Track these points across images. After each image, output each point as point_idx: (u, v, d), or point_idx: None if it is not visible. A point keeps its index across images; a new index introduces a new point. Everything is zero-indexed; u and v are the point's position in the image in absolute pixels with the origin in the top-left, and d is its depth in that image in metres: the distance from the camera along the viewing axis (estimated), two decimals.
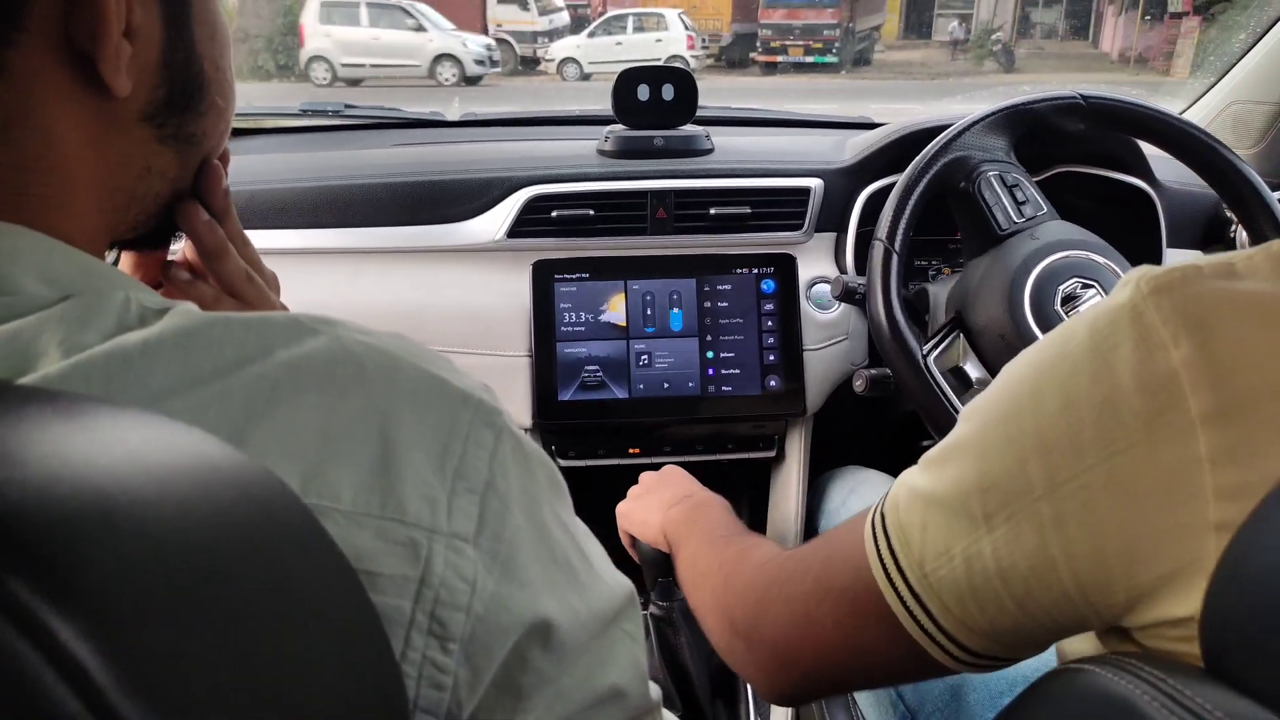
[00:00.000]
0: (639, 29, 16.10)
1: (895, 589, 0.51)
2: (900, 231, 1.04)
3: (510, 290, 1.22)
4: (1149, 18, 17.13)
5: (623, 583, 0.47)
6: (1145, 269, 0.44)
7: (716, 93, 13.66)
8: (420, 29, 14.22)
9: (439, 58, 13.92)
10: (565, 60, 15.82)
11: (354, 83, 13.58)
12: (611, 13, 17.18)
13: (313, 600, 0.29)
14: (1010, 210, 1.05)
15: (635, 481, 1.09)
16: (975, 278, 1.05)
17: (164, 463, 0.26)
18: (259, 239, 0.63)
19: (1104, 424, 0.42)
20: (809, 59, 17.23)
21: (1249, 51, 1.41)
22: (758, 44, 17.60)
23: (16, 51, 0.38)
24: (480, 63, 14.20)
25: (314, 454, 0.35)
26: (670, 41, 15.83)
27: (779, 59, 17.30)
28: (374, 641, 0.32)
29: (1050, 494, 0.44)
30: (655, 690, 0.50)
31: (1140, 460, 0.41)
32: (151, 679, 0.20)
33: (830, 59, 17.20)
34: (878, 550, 0.53)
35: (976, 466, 0.48)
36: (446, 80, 13.86)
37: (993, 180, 1.05)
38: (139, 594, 0.21)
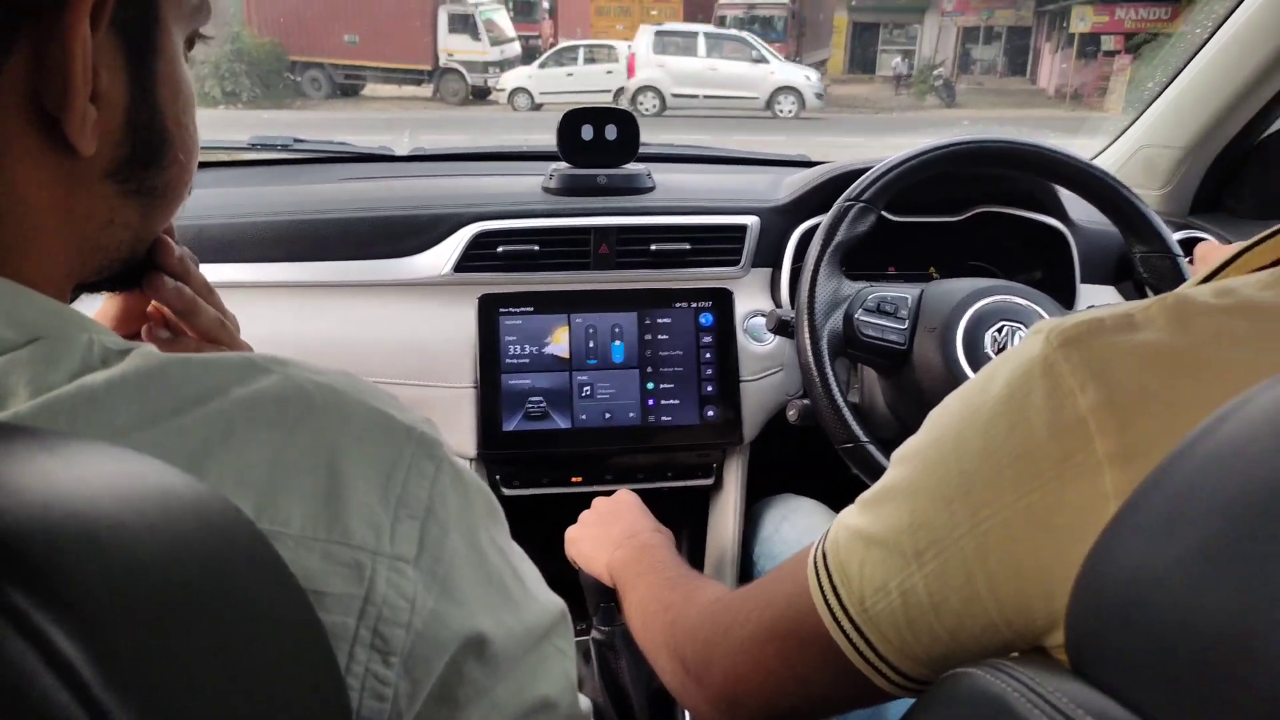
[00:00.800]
0: (590, 60, 16.21)
1: (839, 623, 0.55)
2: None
3: (457, 323, 1.26)
4: (1084, 55, 17.73)
5: (555, 601, 0.51)
6: (1055, 322, 0.48)
7: (665, 126, 13.82)
8: (761, 60, 13.83)
9: (779, 90, 13.63)
10: (516, 90, 15.86)
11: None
12: (563, 44, 17.31)
13: (266, 615, 0.32)
14: (895, 328, 1.12)
15: (579, 509, 1.13)
16: (909, 382, 1.11)
17: (134, 491, 0.29)
18: (207, 273, 0.66)
19: (1020, 466, 0.46)
20: None
21: (1157, 98, 1.50)
22: None
23: None
24: (819, 96, 13.93)
25: (266, 484, 0.38)
26: (621, 73, 15.98)
27: None
28: (321, 655, 0.35)
29: (973, 531, 0.48)
30: (585, 702, 0.54)
31: (1053, 498, 0.45)
32: (130, 676, 0.24)
33: None
34: (820, 588, 0.56)
35: (908, 507, 0.52)
36: (785, 113, 13.49)
37: (861, 320, 1.12)
38: (119, 603, 0.25)
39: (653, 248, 1.30)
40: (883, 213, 1.18)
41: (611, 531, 1.03)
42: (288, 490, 0.39)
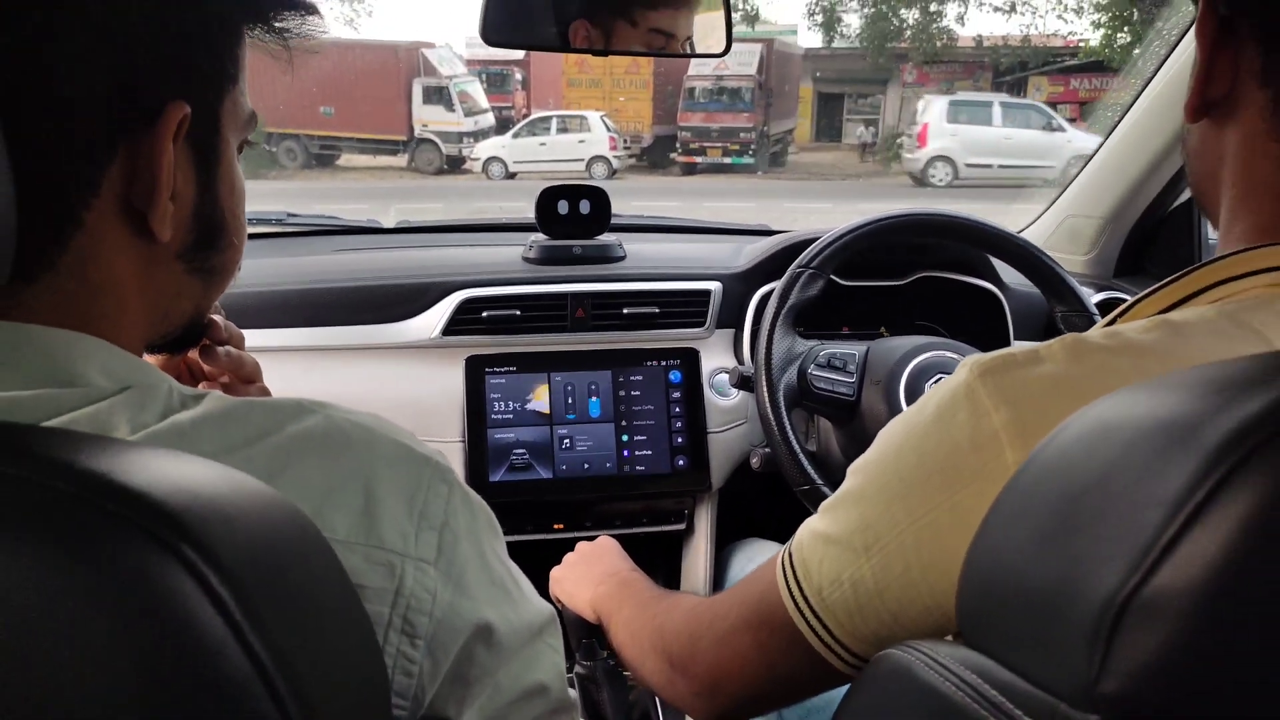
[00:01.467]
0: (563, 130, 16.54)
1: (801, 612, 0.63)
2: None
3: (446, 382, 1.37)
4: None
5: (547, 606, 0.61)
6: (977, 356, 0.59)
7: (639, 192, 14.07)
8: (1058, 129, 13.64)
9: (1076, 158, 13.62)
10: (491, 159, 16.14)
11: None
12: (536, 114, 17.66)
13: (333, 590, 0.42)
14: (845, 381, 1.25)
15: (561, 554, 1.22)
16: (859, 430, 1.23)
17: (241, 490, 0.40)
18: None
19: (948, 473, 0.57)
20: (727, 160, 17.88)
21: (1080, 171, 1.66)
22: (677, 145, 18.24)
23: (90, 212, 0.50)
24: None
25: (317, 500, 0.49)
26: (593, 143, 16.28)
27: (698, 160, 17.93)
28: (367, 635, 0.45)
29: (910, 528, 0.58)
30: (572, 692, 0.64)
31: (973, 499, 0.54)
32: (256, 608, 0.34)
33: (747, 160, 17.88)
34: (787, 582, 0.66)
35: (858, 510, 0.62)
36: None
37: (814, 375, 1.26)
38: (247, 558, 0.35)
39: (625, 311, 1.42)
40: (834, 277, 1.31)
41: (593, 570, 1.12)
42: (333, 505, 0.49)
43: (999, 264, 1.49)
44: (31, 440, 0.35)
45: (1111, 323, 0.63)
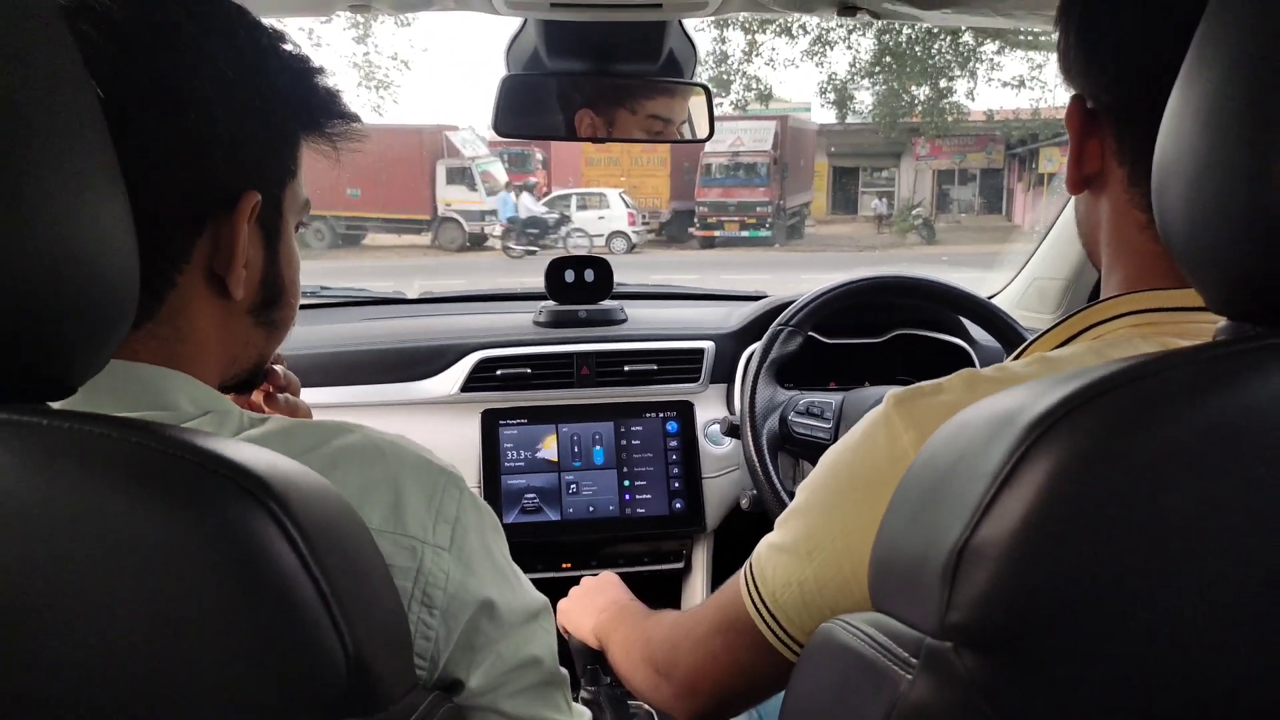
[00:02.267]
0: (582, 207, 16.81)
1: (760, 613, 0.72)
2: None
3: (463, 433, 1.51)
4: (1056, 193, 18.56)
5: (542, 597, 0.73)
6: (896, 390, 0.70)
7: (659, 266, 14.29)
8: None
9: None
10: None
11: None
12: (556, 192, 18.02)
13: (373, 563, 0.54)
14: (823, 426, 1.38)
15: (569, 591, 1.34)
16: None
17: (309, 474, 0.52)
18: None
19: (871, 484, 0.67)
20: (744, 233, 18.11)
21: (1046, 235, 1.80)
22: (695, 220, 18.55)
23: (182, 275, 0.64)
24: None
25: (356, 498, 0.60)
26: (612, 218, 16.54)
27: (716, 234, 18.19)
28: (397, 599, 0.57)
29: (843, 533, 0.68)
30: (563, 670, 0.76)
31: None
32: (322, 552, 0.46)
33: (764, 233, 18.11)
34: (748, 589, 0.74)
35: (803, 521, 0.72)
36: None
37: (794, 421, 1.39)
38: (316, 515, 0.47)
39: (626, 368, 1.57)
40: (816, 335, 1.46)
41: (597, 601, 1.23)
42: (369, 502, 0.62)
43: (969, 321, 1.63)
44: (164, 430, 0.48)
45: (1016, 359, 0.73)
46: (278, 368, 0.84)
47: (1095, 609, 0.42)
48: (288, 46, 0.67)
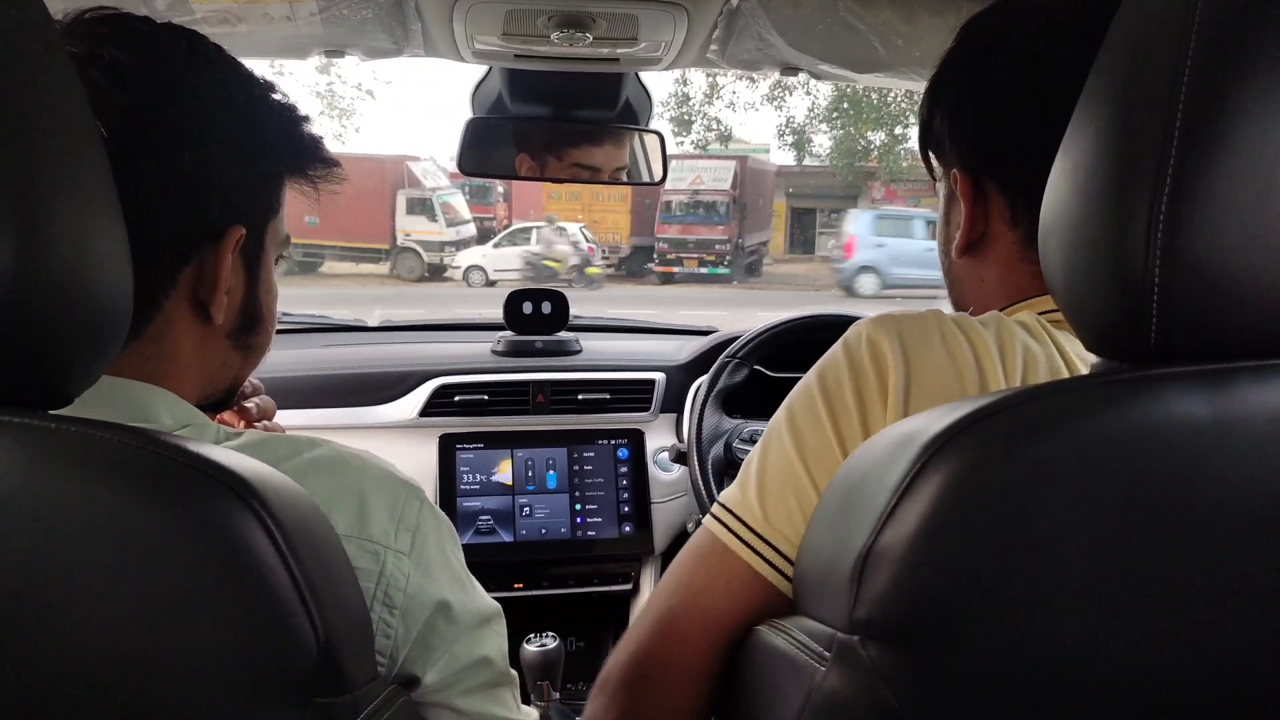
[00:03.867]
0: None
1: (747, 543, 0.67)
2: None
3: (421, 457, 1.57)
4: None
5: (495, 603, 0.78)
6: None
7: (618, 300, 14.33)
8: None
9: None
10: (471, 268, 16.33)
11: None
12: (517, 225, 18.03)
13: (341, 561, 0.58)
14: None
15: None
16: None
17: (285, 479, 0.56)
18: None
19: (856, 381, 0.65)
20: (703, 270, 18.24)
21: None
22: (655, 256, 18.68)
23: (168, 300, 0.69)
24: None
25: (325, 506, 0.64)
26: (573, 253, 16.67)
27: (675, 270, 18.31)
28: (360, 597, 0.62)
29: (833, 427, 0.66)
30: (513, 672, 0.82)
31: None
32: (296, 546, 0.50)
33: (723, 270, 18.21)
34: (725, 526, 0.69)
35: (787, 436, 0.68)
36: None
37: (738, 449, 1.47)
38: (292, 514, 0.52)
39: (579, 397, 1.65)
40: (761, 368, 1.54)
41: None
42: (336, 509, 0.67)
43: None
44: (156, 435, 0.53)
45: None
46: (250, 404, 0.89)
47: (978, 604, 0.48)
48: (277, 96, 0.73)
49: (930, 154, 0.81)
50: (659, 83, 23.54)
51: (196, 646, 0.48)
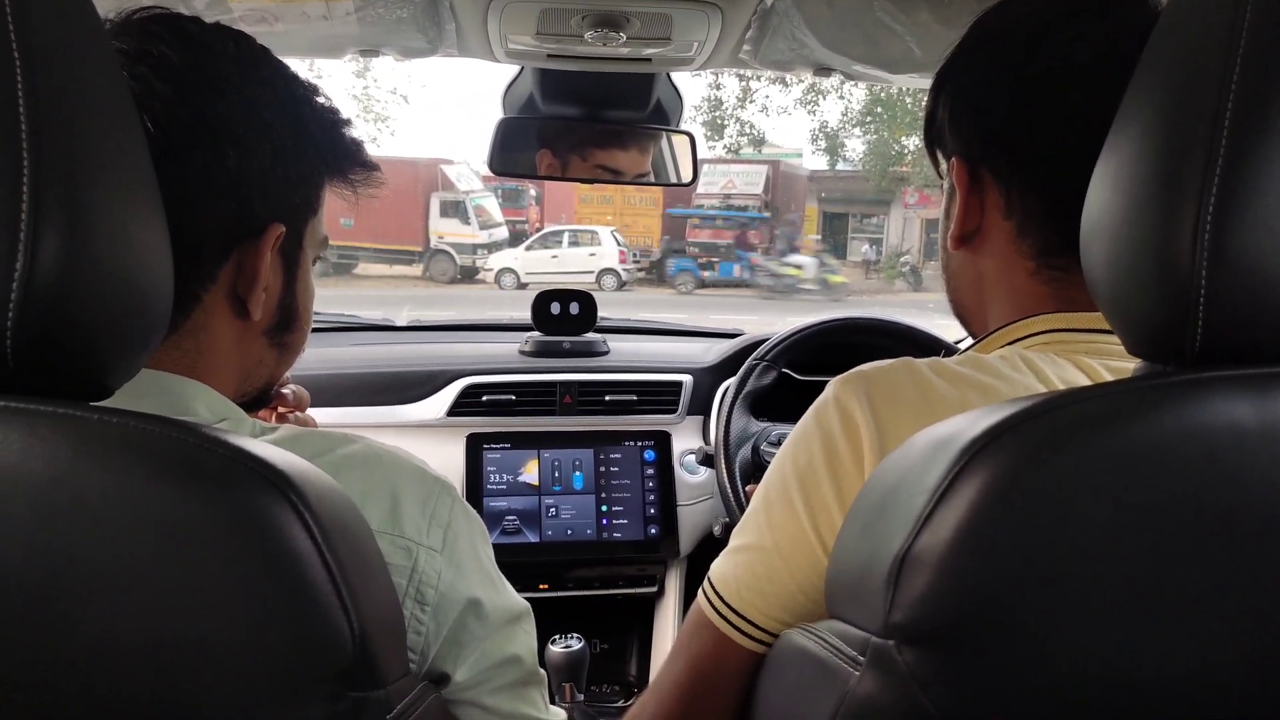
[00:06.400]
0: (574, 243, 16.85)
1: (720, 614, 0.73)
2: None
3: (448, 456, 1.57)
4: None
5: (524, 602, 0.78)
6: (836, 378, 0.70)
7: (648, 304, 14.35)
8: None
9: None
10: (503, 270, 16.43)
11: None
12: (549, 228, 18.12)
13: (374, 555, 0.58)
14: None
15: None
16: None
17: (321, 473, 0.55)
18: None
19: (830, 461, 0.67)
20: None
21: None
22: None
23: (208, 294, 0.69)
24: None
25: (358, 501, 0.63)
26: (603, 256, 16.57)
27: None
28: (394, 591, 0.62)
29: (807, 512, 0.68)
30: (542, 671, 0.81)
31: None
32: (331, 537, 0.50)
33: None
34: (707, 599, 0.75)
35: (763, 515, 0.72)
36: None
37: (766, 451, 1.46)
38: (328, 506, 0.51)
39: (606, 398, 1.64)
40: (789, 372, 1.53)
41: None
42: (369, 505, 0.66)
43: None
44: (198, 427, 0.52)
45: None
46: (286, 390, 0.90)
47: (1017, 609, 0.47)
48: (320, 98, 0.74)
49: (936, 150, 0.82)
50: (691, 86, 23.52)
51: (233, 638, 0.48)
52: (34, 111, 0.45)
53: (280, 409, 0.90)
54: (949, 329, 1.87)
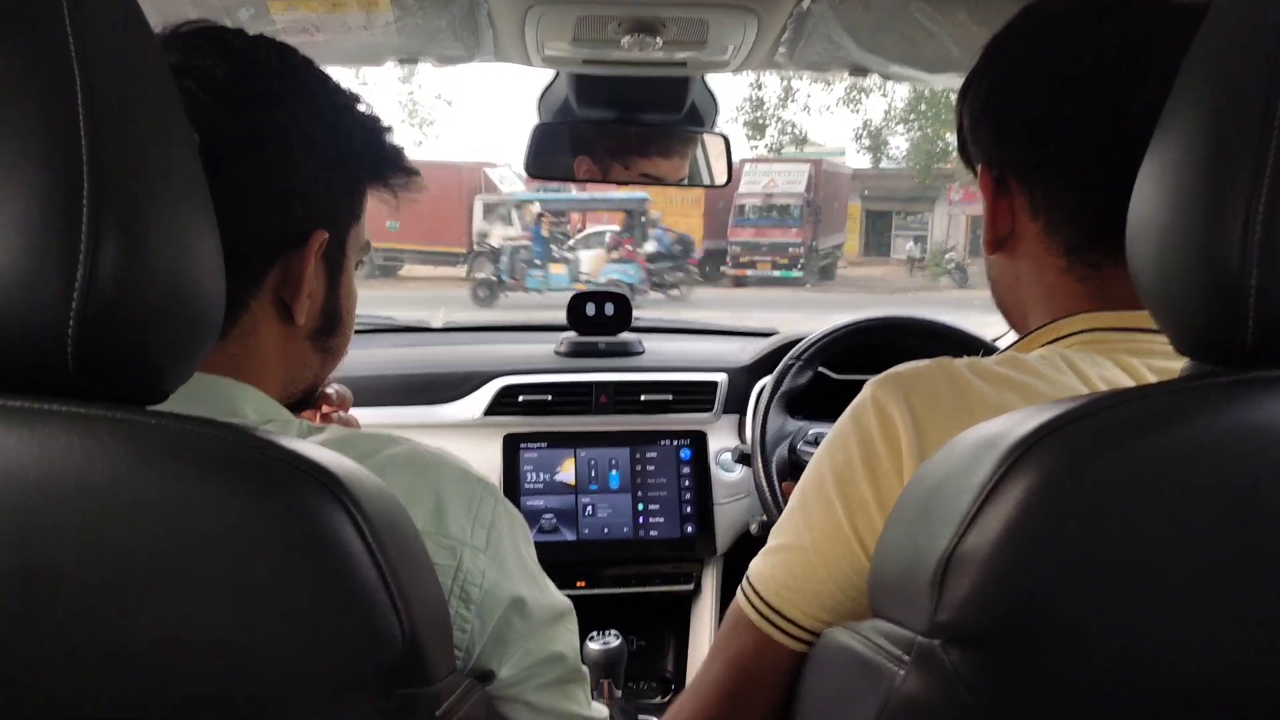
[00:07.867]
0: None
1: (760, 613, 0.73)
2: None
3: (486, 456, 1.59)
4: None
5: (567, 600, 0.79)
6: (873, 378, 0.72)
7: (690, 303, 14.34)
8: None
9: None
10: None
11: None
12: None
13: (422, 554, 0.58)
14: None
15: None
16: None
17: (370, 475, 0.56)
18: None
19: (867, 460, 0.68)
20: (776, 273, 18.15)
21: None
22: (728, 259, 18.65)
23: (254, 300, 0.68)
24: None
25: (404, 502, 0.58)
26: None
27: (748, 273, 18.24)
28: (440, 590, 0.62)
29: (845, 511, 0.68)
30: (584, 669, 0.82)
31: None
32: (381, 535, 0.51)
33: (796, 274, 18.08)
34: (746, 597, 0.75)
35: (801, 515, 0.72)
36: None
37: (802, 450, 1.46)
38: (377, 506, 0.52)
39: (642, 398, 1.66)
40: (825, 370, 1.53)
41: None
42: (414, 506, 0.62)
43: None
44: (251, 430, 0.54)
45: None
46: (330, 390, 0.92)
47: (1063, 610, 0.47)
48: (361, 107, 0.75)
49: (970, 155, 0.83)
50: (732, 86, 23.46)
51: (286, 636, 0.49)
52: (93, 125, 0.46)
53: (325, 408, 0.92)
54: (989, 326, 1.86)
